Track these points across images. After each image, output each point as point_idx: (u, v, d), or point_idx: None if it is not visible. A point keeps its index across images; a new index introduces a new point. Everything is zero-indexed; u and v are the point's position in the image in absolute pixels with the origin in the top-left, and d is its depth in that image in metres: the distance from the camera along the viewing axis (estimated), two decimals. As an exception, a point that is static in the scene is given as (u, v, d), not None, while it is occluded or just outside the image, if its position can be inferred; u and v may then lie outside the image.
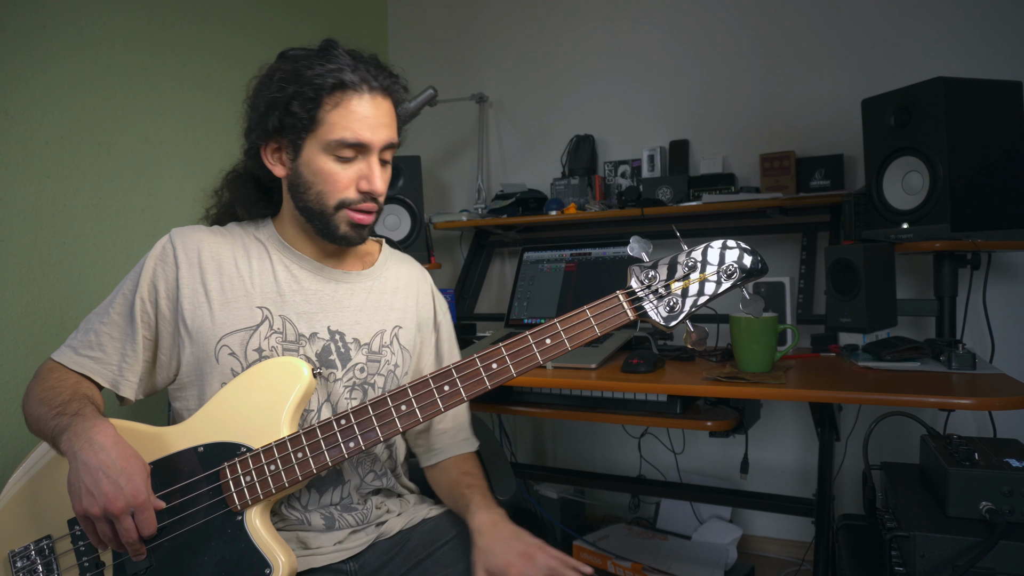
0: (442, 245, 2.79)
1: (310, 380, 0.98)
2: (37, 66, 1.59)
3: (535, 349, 0.93)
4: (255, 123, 1.02)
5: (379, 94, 1.01)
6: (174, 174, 1.93)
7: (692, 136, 2.34)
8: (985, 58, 1.94)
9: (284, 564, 0.90)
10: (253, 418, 0.96)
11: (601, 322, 0.93)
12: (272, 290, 1.05)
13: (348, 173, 1.01)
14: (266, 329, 1.03)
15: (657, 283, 0.93)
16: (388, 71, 1.03)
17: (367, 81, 0.99)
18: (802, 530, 2.18)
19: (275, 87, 0.98)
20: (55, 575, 0.94)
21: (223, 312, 1.02)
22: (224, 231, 1.10)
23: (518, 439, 2.69)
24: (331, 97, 0.97)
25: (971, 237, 1.55)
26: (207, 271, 1.03)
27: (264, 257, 1.08)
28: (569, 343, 0.93)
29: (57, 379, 1.00)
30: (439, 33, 2.82)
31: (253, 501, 0.93)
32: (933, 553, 0.99)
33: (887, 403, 1.17)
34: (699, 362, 1.56)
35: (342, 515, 1.05)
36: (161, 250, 1.05)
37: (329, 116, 0.97)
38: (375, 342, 1.10)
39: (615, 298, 0.94)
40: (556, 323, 0.93)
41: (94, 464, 0.86)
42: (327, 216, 1.02)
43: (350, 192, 1.01)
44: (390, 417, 0.94)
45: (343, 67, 0.98)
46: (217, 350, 1.01)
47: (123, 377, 1.02)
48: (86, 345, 1.03)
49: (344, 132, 0.98)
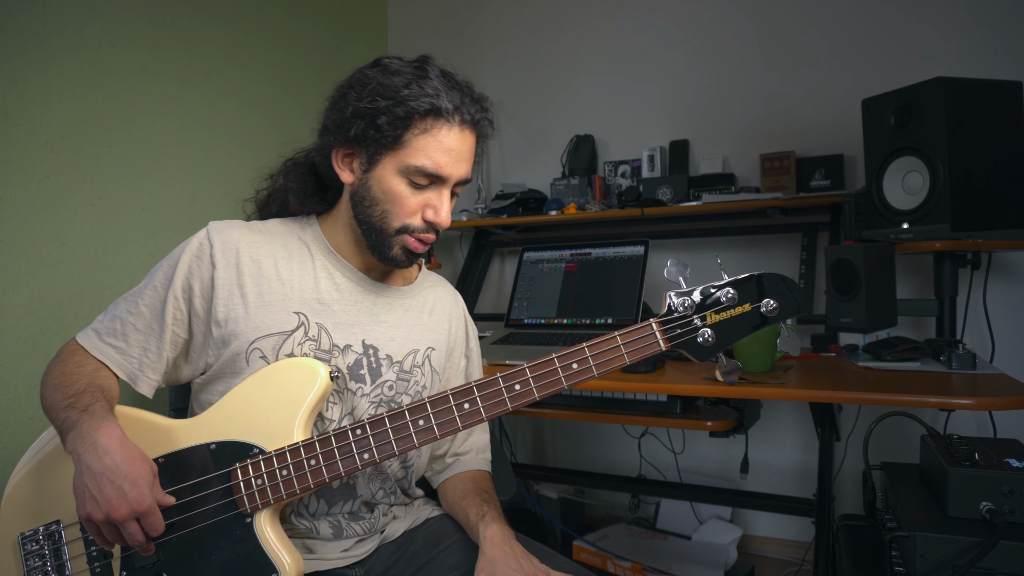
0: (442, 245, 2.79)
1: (327, 383, 0.96)
2: (37, 66, 1.59)
3: (560, 374, 0.90)
4: (335, 125, 0.99)
5: (468, 128, 0.98)
6: (174, 174, 1.93)
7: (692, 136, 2.34)
8: (985, 58, 1.94)
9: (291, 567, 0.90)
10: (267, 418, 0.94)
11: (632, 351, 0.89)
12: (312, 296, 1.02)
13: (417, 199, 0.98)
14: (300, 335, 1.00)
15: (692, 313, 0.89)
16: (480, 104, 1.00)
17: (460, 112, 0.96)
18: (802, 530, 2.18)
19: (368, 96, 0.95)
20: (63, 559, 0.94)
21: (258, 315, 0.99)
22: (265, 228, 1.06)
23: (518, 439, 2.69)
24: (422, 121, 0.94)
25: (971, 237, 1.55)
26: (244, 272, 1.00)
27: (307, 260, 1.04)
28: (596, 369, 0.89)
29: (76, 364, 0.97)
30: (439, 33, 2.82)
31: (263, 505, 0.92)
32: (933, 553, 0.99)
33: (887, 403, 1.17)
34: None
35: (350, 524, 1.04)
36: (198, 246, 1.00)
37: (415, 140, 0.94)
38: (407, 361, 1.08)
39: (648, 326, 0.90)
40: (584, 347, 0.90)
41: (98, 469, 0.84)
42: (386, 236, 0.99)
43: (415, 219, 0.99)
44: (407, 431, 0.92)
45: (440, 92, 0.94)
46: (248, 352, 0.98)
47: (142, 372, 1.00)
48: (110, 332, 1.00)
49: (426, 161, 0.95)
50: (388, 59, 0.99)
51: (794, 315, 0.88)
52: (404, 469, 1.11)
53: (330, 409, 1.01)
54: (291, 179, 1.08)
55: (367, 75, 0.98)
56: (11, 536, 0.96)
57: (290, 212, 1.09)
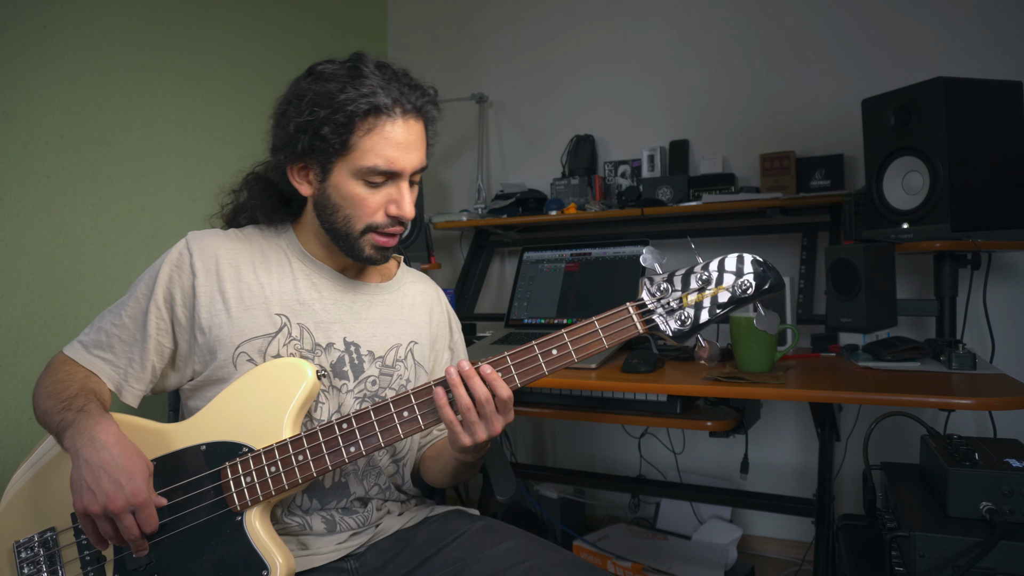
0: (442, 245, 2.79)
1: (314, 382, 0.98)
2: (37, 66, 1.59)
3: (541, 360, 0.91)
4: (283, 143, 1.00)
5: (412, 117, 0.98)
6: (174, 174, 1.93)
7: (692, 136, 2.34)
8: (985, 58, 1.94)
9: (281, 566, 0.90)
10: (256, 418, 0.96)
11: (610, 334, 0.91)
12: (292, 298, 1.04)
13: (377, 198, 0.99)
14: (284, 336, 1.02)
15: (669, 296, 0.91)
16: (421, 88, 1.00)
17: (400, 104, 0.96)
18: (802, 530, 2.18)
19: (306, 109, 0.95)
20: (58, 566, 0.95)
21: (241, 319, 1.01)
22: (243, 236, 1.08)
23: (518, 439, 2.69)
24: (364, 122, 0.95)
25: (971, 237, 1.55)
26: (225, 278, 1.02)
27: (284, 264, 1.07)
28: (576, 354, 0.91)
29: (67, 372, 1.00)
30: (439, 33, 2.82)
31: (253, 502, 0.93)
32: (933, 553, 0.99)
33: (887, 403, 1.17)
34: (699, 362, 1.56)
35: (343, 519, 1.05)
36: (178, 256, 1.03)
37: (362, 142, 0.95)
38: (389, 356, 1.09)
39: (625, 310, 0.91)
40: (563, 333, 0.91)
41: (95, 462, 0.86)
42: (353, 239, 1.01)
43: (379, 216, 1.00)
44: (392, 423, 0.93)
45: (376, 89, 0.95)
46: (235, 356, 1.00)
47: (127, 383, 1.02)
48: (96, 344, 1.03)
49: (377, 159, 0.96)
50: (321, 66, 1.00)
51: (769, 293, 0.89)
52: (395, 464, 1.12)
53: (319, 409, 1.03)
54: (254, 194, 1.10)
55: (302, 87, 0.99)
56: (6, 545, 0.97)
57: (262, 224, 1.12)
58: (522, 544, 1.01)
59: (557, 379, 1.46)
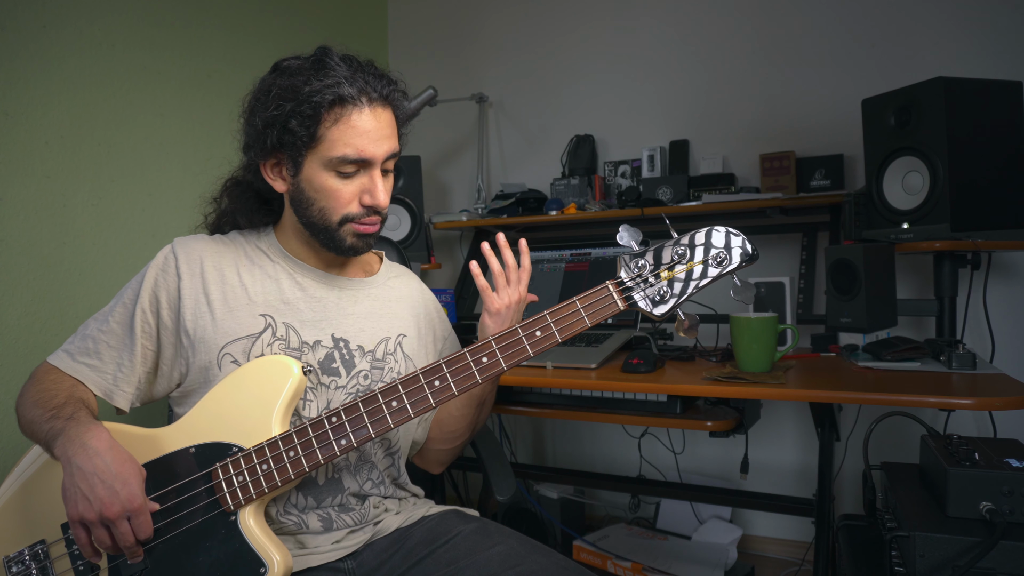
0: (442, 245, 2.79)
1: (300, 378, 0.98)
2: (37, 66, 1.59)
3: (525, 342, 0.93)
4: (253, 140, 1.01)
5: (378, 105, 0.99)
6: (174, 174, 1.93)
7: (692, 136, 2.34)
8: (985, 58, 1.94)
9: (279, 563, 0.90)
10: (244, 417, 0.96)
11: (591, 312, 0.92)
12: (276, 298, 1.05)
13: (351, 188, 1.00)
14: (269, 336, 1.02)
15: (647, 272, 0.92)
16: (386, 78, 1.02)
17: (366, 92, 0.97)
18: (802, 530, 2.18)
19: (272, 104, 0.97)
20: None
21: (225, 321, 1.01)
22: (226, 240, 1.09)
23: (518, 439, 2.69)
24: (330, 113, 0.96)
25: (971, 237, 1.55)
26: (209, 281, 1.03)
27: (267, 265, 1.08)
28: (559, 335, 0.92)
29: (52, 382, 0.99)
30: (439, 33, 2.82)
31: (246, 501, 0.92)
32: (933, 553, 0.99)
33: (887, 403, 1.17)
34: (699, 362, 1.56)
35: (340, 516, 1.05)
36: (163, 260, 1.04)
37: (329, 132, 0.96)
38: (379, 349, 1.10)
39: (604, 288, 0.93)
40: (546, 315, 0.93)
41: (89, 469, 0.85)
42: (331, 231, 1.02)
43: (353, 207, 1.01)
44: (381, 414, 0.94)
45: (340, 80, 0.96)
46: (220, 358, 1.00)
47: (117, 387, 1.02)
48: (83, 351, 1.02)
49: (346, 149, 0.97)
50: (286, 61, 1.01)
51: (745, 264, 0.90)
52: (389, 456, 1.12)
53: (307, 407, 1.03)
54: (234, 199, 1.11)
55: (268, 83, 1.00)
56: None
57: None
58: (514, 548, 1.00)
59: (557, 379, 1.46)
